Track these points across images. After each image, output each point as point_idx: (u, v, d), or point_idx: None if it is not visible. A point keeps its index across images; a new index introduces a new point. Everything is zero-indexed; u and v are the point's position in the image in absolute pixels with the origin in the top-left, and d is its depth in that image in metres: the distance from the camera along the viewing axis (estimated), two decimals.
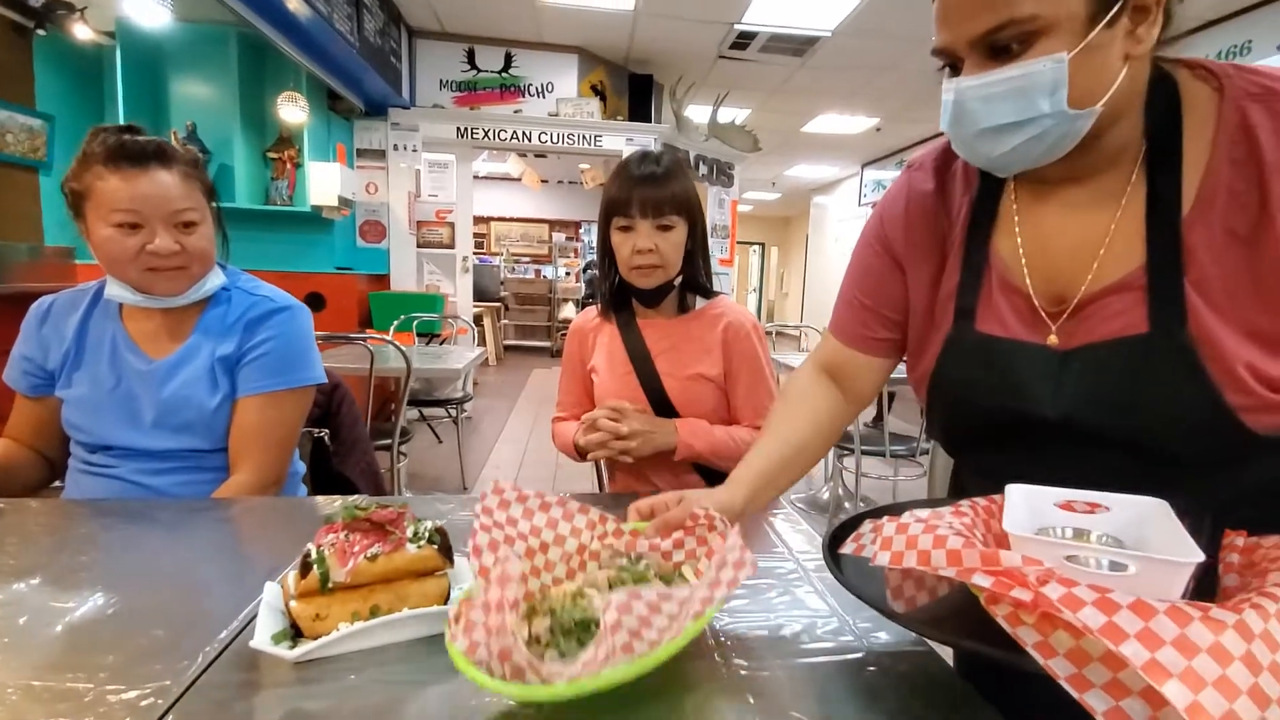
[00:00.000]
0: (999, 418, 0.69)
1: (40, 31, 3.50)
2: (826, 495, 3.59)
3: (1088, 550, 0.49)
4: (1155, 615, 0.38)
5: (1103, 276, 0.64)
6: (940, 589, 0.60)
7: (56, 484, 1.19)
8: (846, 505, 3.42)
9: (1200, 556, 0.44)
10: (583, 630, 0.54)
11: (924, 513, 0.57)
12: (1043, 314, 0.67)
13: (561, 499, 0.65)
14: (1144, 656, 0.37)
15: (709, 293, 1.30)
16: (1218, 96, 0.59)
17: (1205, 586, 0.52)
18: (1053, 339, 0.66)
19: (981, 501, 0.62)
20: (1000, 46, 0.57)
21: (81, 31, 3.57)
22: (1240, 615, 0.39)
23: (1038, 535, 0.53)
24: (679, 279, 1.24)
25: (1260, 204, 0.56)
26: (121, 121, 3.64)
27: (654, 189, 1.16)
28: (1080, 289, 0.65)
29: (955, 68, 0.62)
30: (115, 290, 1.09)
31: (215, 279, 1.15)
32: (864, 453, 2.84)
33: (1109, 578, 0.46)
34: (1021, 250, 0.69)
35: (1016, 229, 0.70)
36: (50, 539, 0.87)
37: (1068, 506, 0.56)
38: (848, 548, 0.64)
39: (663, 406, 1.22)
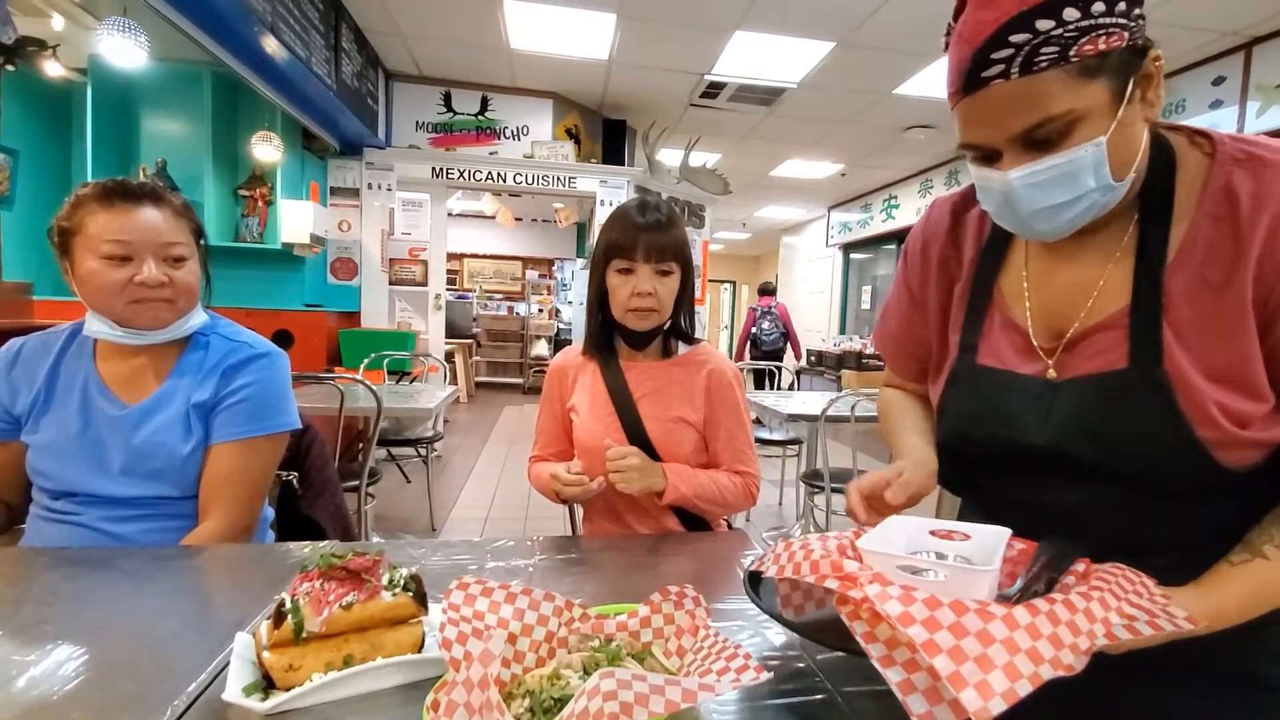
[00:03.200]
0: (992, 447, 0.74)
1: (9, 68, 3.47)
2: (798, 532, 3.61)
3: (917, 562, 0.59)
4: (940, 607, 0.48)
5: (1093, 315, 0.70)
6: (828, 601, 0.68)
7: (16, 527, 1.16)
8: None
9: (992, 567, 0.56)
10: (562, 708, 0.54)
11: (813, 538, 0.69)
12: (1039, 350, 0.73)
13: (527, 589, 0.65)
14: (923, 636, 0.47)
15: (690, 339, 1.35)
16: (1209, 160, 0.65)
17: None
18: (1051, 373, 0.71)
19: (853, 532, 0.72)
20: (1040, 140, 0.61)
21: (52, 68, 3.55)
22: (1009, 610, 0.48)
23: (912, 555, 0.62)
24: (668, 324, 1.29)
25: (1235, 254, 0.61)
26: (90, 157, 3.57)
27: (658, 235, 1.21)
28: (1073, 326, 0.71)
29: (989, 157, 0.66)
30: (95, 326, 1.08)
31: (198, 317, 1.15)
32: (833, 490, 2.87)
33: (926, 583, 0.56)
34: (1027, 292, 0.75)
35: (1025, 274, 0.76)
36: (10, 590, 0.85)
37: (947, 535, 0.67)
38: (761, 567, 0.71)
39: (643, 448, 1.24)
